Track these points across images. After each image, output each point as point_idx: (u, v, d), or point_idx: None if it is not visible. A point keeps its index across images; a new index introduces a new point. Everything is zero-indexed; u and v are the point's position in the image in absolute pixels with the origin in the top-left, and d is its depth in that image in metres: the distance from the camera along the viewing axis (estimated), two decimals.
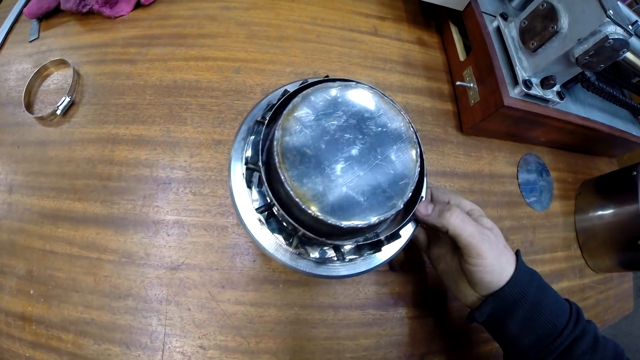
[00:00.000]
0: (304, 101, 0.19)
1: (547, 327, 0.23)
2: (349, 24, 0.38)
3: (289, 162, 0.17)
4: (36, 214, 0.31)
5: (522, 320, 0.23)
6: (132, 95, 0.33)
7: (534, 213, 0.37)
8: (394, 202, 0.19)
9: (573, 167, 0.42)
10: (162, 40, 0.36)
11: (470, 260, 0.23)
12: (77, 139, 0.33)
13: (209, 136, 0.31)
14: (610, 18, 0.27)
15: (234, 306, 0.28)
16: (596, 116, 0.39)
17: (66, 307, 0.28)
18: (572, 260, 0.38)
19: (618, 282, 0.41)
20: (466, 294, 0.25)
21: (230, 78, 0.33)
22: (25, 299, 0.29)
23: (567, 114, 0.36)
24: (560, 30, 0.30)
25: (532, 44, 0.33)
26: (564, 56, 0.31)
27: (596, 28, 0.28)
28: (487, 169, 0.37)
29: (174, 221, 0.29)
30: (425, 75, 0.38)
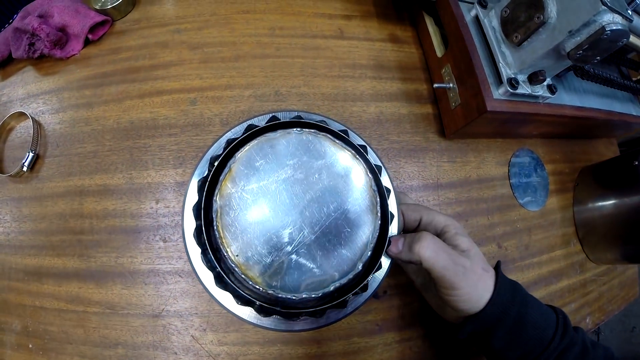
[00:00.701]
0: (243, 162, 0.19)
1: (532, 341, 0.23)
2: (311, 29, 0.37)
3: (231, 235, 0.18)
4: (21, 272, 0.34)
5: (506, 336, 0.23)
6: (92, 142, 0.34)
7: (529, 214, 0.37)
8: (353, 264, 0.19)
9: (570, 155, 0.41)
10: (115, 77, 0.36)
11: (445, 292, 0.23)
12: (46, 194, 0.35)
13: (172, 178, 0.32)
14: (606, 5, 0.24)
15: (218, 347, 0.30)
16: (592, 102, 0.37)
17: (63, 358, 0.31)
18: (571, 257, 0.38)
19: (622, 270, 0.41)
20: (447, 312, 0.26)
21: (187, 111, 0.33)
22: (26, 353, 0.32)
23: (559, 107, 0.34)
24: (548, 20, 0.28)
25: (515, 37, 0.30)
26: (554, 50, 0.28)
27: (590, 18, 0.25)
28: (475, 173, 0.36)
29: (149, 270, 0.31)
30: (400, 76, 0.37)
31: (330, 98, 0.35)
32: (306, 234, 0.19)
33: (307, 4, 0.38)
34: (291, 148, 0.20)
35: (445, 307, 0.25)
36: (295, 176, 0.20)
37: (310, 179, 0.20)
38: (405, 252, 0.23)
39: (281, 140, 0.20)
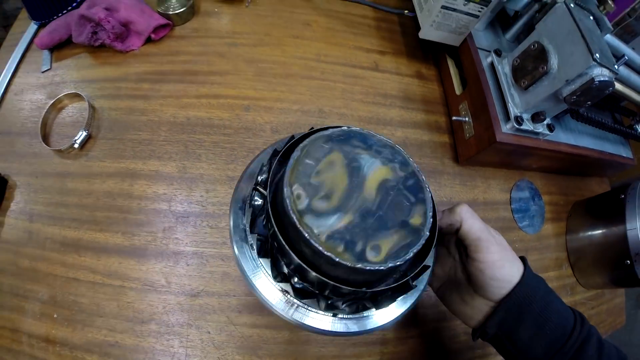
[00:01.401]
0: (309, 151, 0.22)
1: (557, 330, 0.25)
2: (351, 59, 0.45)
3: (309, 217, 0.20)
4: (58, 243, 0.37)
5: (533, 324, 0.25)
6: (148, 131, 0.40)
7: (527, 236, 0.45)
8: (420, 232, 0.21)
9: (564, 189, 0.50)
10: (174, 76, 0.43)
11: (479, 256, 0.25)
12: (95, 172, 0.39)
13: (223, 173, 0.38)
14: (596, 61, 0.33)
15: (250, 329, 0.34)
16: (586, 142, 0.46)
17: (90, 330, 0.34)
18: (563, 279, 0.46)
19: (609, 297, 0.49)
20: (472, 309, 0.27)
21: (240, 116, 0.40)
22: (49, 322, 0.35)
23: (557, 144, 0.44)
24: (550, 70, 0.36)
25: (523, 82, 0.40)
26: (553, 94, 0.37)
27: (583, 70, 0.34)
28: (482, 196, 0.44)
29: (193, 252, 0.36)
30: (424, 108, 0.46)
31: (365, 120, 0.43)
32: (376, 210, 0.21)
33: (348, 37, 0.48)
34: (350, 141, 0.23)
35: (473, 300, 0.27)
36: (358, 159, 0.22)
37: (369, 163, 0.23)
38: (446, 215, 0.26)
39: (340, 134, 0.23)
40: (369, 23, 0.50)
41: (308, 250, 0.20)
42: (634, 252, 0.41)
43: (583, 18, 0.36)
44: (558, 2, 0.37)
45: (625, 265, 0.42)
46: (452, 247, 0.30)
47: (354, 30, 0.48)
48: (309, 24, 0.47)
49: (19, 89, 0.46)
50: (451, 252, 0.30)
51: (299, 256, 0.21)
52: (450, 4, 0.39)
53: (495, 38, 0.47)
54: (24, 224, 0.39)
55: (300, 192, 0.21)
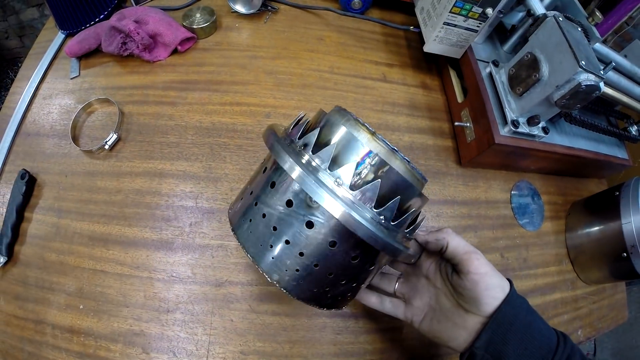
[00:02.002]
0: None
1: (543, 349, 0.26)
2: (361, 72, 0.50)
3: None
4: (86, 238, 0.40)
5: (519, 344, 0.26)
6: (175, 135, 0.44)
7: (527, 233, 0.49)
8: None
9: (563, 190, 0.54)
10: (199, 85, 0.47)
11: (472, 269, 0.27)
12: (125, 171, 0.43)
13: (247, 173, 0.41)
14: (582, 68, 0.37)
15: (271, 317, 0.37)
16: (581, 144, 0.51)
17: (116, 320, 0.37)
18: (564, 274, 0.49)
19: (611, 293, 0.52)
20: (464, 330, 0.28)
21: (262, 122, 0.44)
22: (75, 313, 0.37)
23: (552, 145, 0.48)
24: (542, 78, 0.41)
25: (518, 89, 0.45)
26: (545, 99, 0.42)
27: (571, 76, 0.38)
28: (484, 196, 0.48)
29: (218, 245, 0.39)
30: (429, 115, 0.50)
31: (375, 126, 0.45)
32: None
33: (358, 51, 0.53)
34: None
35: (462, 320, 0.28)
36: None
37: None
38: (432, 233, 0.29)
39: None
40: (377, 38, 0.55)
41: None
42: (630, 245, 0.45)
43: (571, 30, 0.41)
44: (548, 16, 0.42)
45: (623, 258, 0.45)
46: (432, 274, 0.31)
47: (364, 45, 0.54)
48: (322, 39, 0.53)
49: (47, 93, 0.50)
50: (431, 280, 0.31)
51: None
52: (452, 20, 0.44)
53: (493, 50, 0.52)
54: (52, 219, 0.42)
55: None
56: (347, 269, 0.26)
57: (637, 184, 0.48)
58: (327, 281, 0.26)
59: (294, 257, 0.25)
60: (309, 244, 0.24)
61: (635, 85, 0.53)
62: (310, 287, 0.26)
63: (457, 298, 0.29)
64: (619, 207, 0.47)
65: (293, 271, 0.25)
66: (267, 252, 0.25)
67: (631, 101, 0.51)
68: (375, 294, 0.34)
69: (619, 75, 0.50)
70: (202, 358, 0.35)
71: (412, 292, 0.33)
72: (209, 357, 0.35)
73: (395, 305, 0.33)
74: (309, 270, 0.25)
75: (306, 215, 0.24)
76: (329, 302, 0.28)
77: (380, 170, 0.24)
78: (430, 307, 0.31)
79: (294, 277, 0.25)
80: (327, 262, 0.25)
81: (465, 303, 0.28)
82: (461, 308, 0.29)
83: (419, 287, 0.32)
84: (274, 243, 0.25)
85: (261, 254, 0.25)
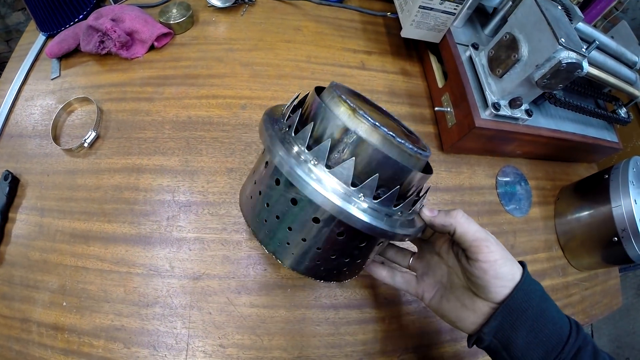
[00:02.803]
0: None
1: (553, 338, 0.25)
2: (339, 60, 0.50)
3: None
4: (68, 235, 0.41)
5: (529, 331, 0.25)
6: (152, 130, 0.45)
7: (514, 219, 0.48)
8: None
9: (551, 175, 0.54)
10: (176, 80, 0.48)
11: (481, 257, 0.26)
12: (104, 168, 0.44)
13: (223, 165, 0.42)
14: (562, 45, 0.37)
15: (249, 309, 0.37)
16: (568, 127, 0.50)
17: (98, 316, 0.37)
18: (554, 260, 0.49)
19: (604, 279, 0.51)
20: (473, 312, 0.27)
21: (238, 114, 0.45)
22: (58, 310, 0.38)
23: (537, 128, 0.47)
24: (521, 58, 0.41)
25: (498, 71, 0.44)
26: (526, 80, 0.41)
27: (550, 55, 0.37)
28: (467, 182, 0.48)
29: (194, 238, 0.39)
30: (409, 102, 0.50)
31: None
32: None
33: (336, 40, 0.53)
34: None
35: (472, 303, 0.27)
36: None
37: None
38: (440, 216, 0.27)
39: None
40: (356, 26, 0.55)
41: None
42: (621, 229, 0.44)
43: (550, 8, 0.40)
44: None
45: (614, 243, 0.45)
46: (445, 252, 0.31)
47: (342, 34, 0.54)
48: (299, 29, 0.53)
49: (29, 95, 0.51)
50: (444, 258, 0.31)
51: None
52: (427, 3, 0.44)
53: (474, 34, 0.52)
54: (35, 218, 0.43)
55: None
56: (335, 245, 0.27)
57: (626, 166, 0.47)
58: (316, 255, 0.27)
59: (284, 231, 0.27)
60: (295, 220, 0.26)
61: (623, 66, 0.52)
62: (302, 259, 0.28)
63: (467, 282, 0.28)
64: (609, 191, 0.46)
65: (285, 244, 0.27)
66: (263, 226, 0.28)
67: (619, 82, 0.50)
68: (386, 268, 0.34)
69: (605, 55, 0.49)
70: (181, 352, 0.36)
71: (425, 268, 0.33)
72: (188, 351, 0.36)
73: (406, 280, 0.33)
74: (298, 244, 0.27)
75: (290, 193, 0.25)
76: (324, 275, 0.29)
77: (359, 148, 0.24)
78: (441, 285, 0.31)
79: (286, 250, 0.28)
80: (313, 238, 0.26)
81: (475, 289, 0.27)
82: (471, 291, 0.28)
83: (432, 264, 0.32)
84: (268, 218, 0.27)
85: (258, 227, 0.28)
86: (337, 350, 0.37)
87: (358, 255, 0.28)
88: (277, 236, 0.27)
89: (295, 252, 0.28)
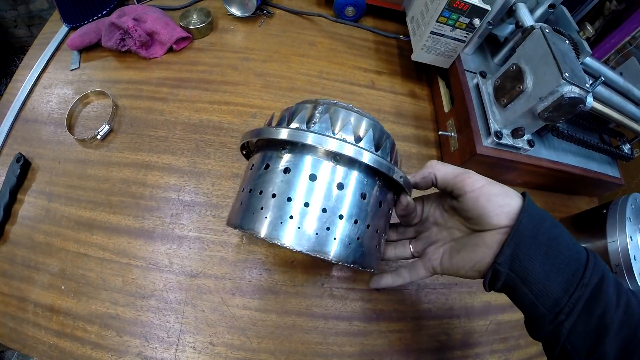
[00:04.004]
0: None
1: (571, 264, 0.24)
2: (350, 77, 0.54)
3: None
4: (73, 222, 0.44)
5: (545, 258, 0.24)
6: (164, 129, 0.48)
7: None
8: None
9: (551, 206, 0.56)
10: (191, 83, 0.51)
11: (467, 187, 0.26)
12: (114, 161, 0.47)
13: (229, 170, 0.45)
14: (565, 80, 0.39)
15: (242, 310, 0.40)
16: (569, 160, 0.52)
17: (94, 302, 0.40)
18: None
19: None
20: (486, 246, 0.26)
21: (248, 121, 0.48)
22: (56, 293, 0.40)
23: (538, 159, 0.50)
24: (526, 89, 0.43)
25: (502, 100, 0.47)
26: (529, 111, 0.43)
27: (554, 88, 0.39)
28: None
29: (195, 237, 0.42)
30: (415, 124, 0.53)
31: None
32: None
33: (348, 57, 0.56)
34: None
35: (479, 242, 0.27)
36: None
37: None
38: (418, 173, 0.29)
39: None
40: (369, 46, 0.59)
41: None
42: (614, 264, 0.46)
43: (557, 42, 0.43)
44: (535, 27, 0.44)
45: None
46: (440, 217, 0.32)
47: (355, 52, 0.57)
48: (314, 44, 0.56)
49: (47, 83, 0.55)
50: (441, 224, 0.32)
51: None
52: (439, 29, 0.47)
53: (483, 61, 0.55)
54: (42, 202, 0.46)
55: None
56: (359, 208, 0.26)
57: (625, 203, 0.49)
58: (320, 217, 0.25)
59: (284, 203, 0.25)
60: (286, 186, 0.26)
61: (629, 102, 0.54)
62: (307, 229, 0.25)
63: (469, 225, 0.29)
64: (606, 226, 0.48)
65: (287, 219, 0.25)
66: (258, 215, 0.26)
67: (623, 118, 0.53)
68: (389, 275, 0.35)
69: (611, 91, 0.52)
70: (172, 345, 0.38)
71: (426, 244, 0.33)
72: (179, 345, 0.38)
73: (412, 269, 0.34)
74: (298, 210, 0.25)
75: (282, 163, 0.27)
76: (334, 249, 0.26)
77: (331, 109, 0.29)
78: (447, 246, 0.31)
79: (287, 225, 0.25)
80: (308, 194, 0.25)
81: (477, 225, 0.27)
82: (476, 230, 0.28)
83: (432, 237, 0.33)
84: (264, 205, 0.26)
85: (253, 220, 0.26)
86: (324, 359, 0.39)
87: (380, 223, 0.29)
88: (273, 213, 0.25)
89: (299, 223, 0.25)
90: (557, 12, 0.52)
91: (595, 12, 0.60)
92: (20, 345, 0.39)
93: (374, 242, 0.28)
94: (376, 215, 0.28)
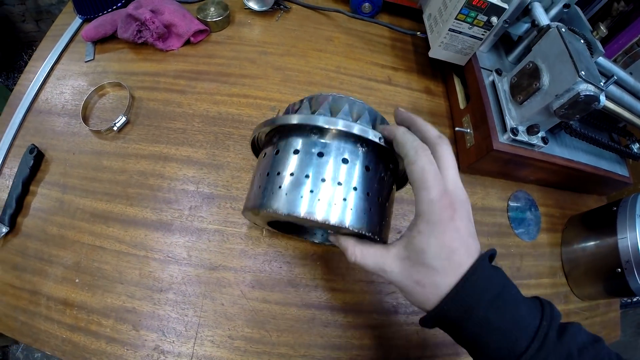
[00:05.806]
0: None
1: (500, 350, 0.23)
2: (367, 73, 0.53)
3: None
4: (88, 214, 0.42)
5: (470, 340, 0.24)
6: (182, 121, 0.46)
7: (522, 243, 0.50)
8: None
9: (561, 203, 0.55)
10: (209, 76, 0.50)
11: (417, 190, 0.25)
12: (130, 153, 0.45)
13: (248, 162, 0.44)
14: (582, 78, 0.39)
15: (261, 304, 0.38)
16: (581, 157, 0.52)
17: (110, 296, 0.38)
18: (557, 287, 0.50)
19: (604, 311, 0.52)
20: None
21: (267, 115, 0.47)
22: (70, 286, 0.39)
23: (551, 156, 0.49)
24: (542, 87, 0.43)
25: (519, 97, 0.47)
26: (545, 108, 0.43)
27: (570, 86, 0.39)
28: (480, 202, 0.50)
29: (215, 230, 0.41)
30: (430, 120, 0.51)
31: None
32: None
33: (365, 53, 0.55)
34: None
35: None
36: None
37: None
38: (385, 130, 0.29)
39: None
40: (385, 42, 0.58)
41: None
42: (624, 260, 0.46)
43: (573, 41, 0.43)
44: (552, 26, 0.44)
45: (616, 274, 0.46)
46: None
47: (371, 48, 0.56)
48: (331, 40, 0.55)
49: (61, 74, 0.53)
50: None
51: None
52: (457, 27, 0.47)
53: (498, 59, 0.54)
54: (56, 194, 0.44)
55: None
56: (365, 180, 0.29)
57: (635, 200, 0.49)
58: (337, 190, 0.27)
59: (295, 180, 0.27)
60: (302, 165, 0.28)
61: (639, 102, 0.54)
62: (319, 198, 0.26)
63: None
64: (616, 222, 0.48)
65: (298, 193, 0.27)
66: (277, 193, 0.27)
67: (633, 117, 0.52)
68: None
69: (622, 90, 0.51)
70: (190, 339, 0.37)
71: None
72: (197, 339, 0.37)
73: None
74: (299, 181, 0.27)
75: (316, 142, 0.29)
76: (347, 216, 0.27)
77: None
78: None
79: (296, 197, 0.27)
80: (305, 168, 0.28)
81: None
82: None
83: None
84: (281, 183, 0.28)
85: (270, 197, 0.28)
86: (342, 353, 0.38)
87: (384, 192, 0.31)
88: (284, 191, 0.27)
89: (311, 195, 0.27)
90: (571, 12, 0.51)
91: (603, 13, 0.60)
92: (31, 340, 0.37)
93: (381, 211, 0.30)
94: (382, 188, 0.30)
